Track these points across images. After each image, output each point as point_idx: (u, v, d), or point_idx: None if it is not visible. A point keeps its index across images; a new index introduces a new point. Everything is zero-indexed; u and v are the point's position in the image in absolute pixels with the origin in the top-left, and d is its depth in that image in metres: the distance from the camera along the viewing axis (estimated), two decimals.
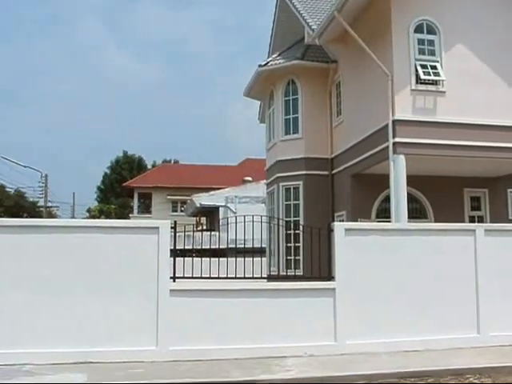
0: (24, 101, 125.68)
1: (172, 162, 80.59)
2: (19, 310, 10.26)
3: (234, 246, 14.24)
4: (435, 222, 17.52)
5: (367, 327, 11.52)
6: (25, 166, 50.57)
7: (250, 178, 47.05)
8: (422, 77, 15.36)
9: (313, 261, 12.08)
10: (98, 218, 55.59)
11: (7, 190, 66.48)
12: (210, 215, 46.96)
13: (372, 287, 11.74)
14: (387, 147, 15.45)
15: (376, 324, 11.57)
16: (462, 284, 12.25)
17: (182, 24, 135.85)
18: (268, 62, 21.01)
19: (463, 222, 17.99)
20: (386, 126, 15.50)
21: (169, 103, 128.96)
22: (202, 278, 11.98)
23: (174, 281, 11.30)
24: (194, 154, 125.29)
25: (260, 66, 20.83)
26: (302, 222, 19.01)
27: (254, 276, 12.29)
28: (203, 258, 12.39)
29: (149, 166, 78.30)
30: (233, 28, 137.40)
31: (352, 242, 11.79)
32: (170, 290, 10.88)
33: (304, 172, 20.15)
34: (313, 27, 19.24)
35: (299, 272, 18.20)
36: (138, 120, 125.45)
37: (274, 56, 21.62)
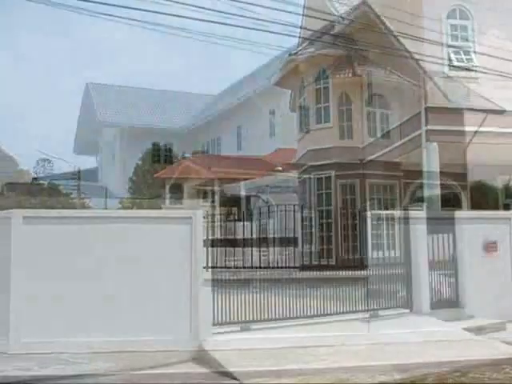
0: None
1: (202, 152, 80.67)
2: (57, 298, 10.36)
3: (266, 235, 14.22)
4: (469, 210, 17.31)
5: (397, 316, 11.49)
6: (58, 159, 51.16)
7: (280, 168, 46.85)
8: (455, 63, 15.17)
9: (346, 250, 12.07)
10: (130, 208, 56.03)
11: (41, 182, 67.34)
12: (242, 205, 46.94)
13: None
14: (420, 135, 15.32)
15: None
16: (495, 272, 12.12)
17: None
18: (298, 51, 20.88)
19: (497, 209, 17.75)
20: (419, 113, 15.37)
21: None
22: (235, 267, 12.00)
23: (207, 270, 11.34)
24: (223, 145, 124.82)
25: (290, 54, 20.73)
26: (333, 211, 18.93)
27: (287, 265, 12.31)
28: (236, 248, 12.42)
29: (179, 157, 78.43)
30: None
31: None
32: (204, 280, 10.94)
33: (336, 161, 20.02)
34: (343, 15, 19.09)
35: (332, 261, 18.15)
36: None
37: (303, 45, 21.48)
